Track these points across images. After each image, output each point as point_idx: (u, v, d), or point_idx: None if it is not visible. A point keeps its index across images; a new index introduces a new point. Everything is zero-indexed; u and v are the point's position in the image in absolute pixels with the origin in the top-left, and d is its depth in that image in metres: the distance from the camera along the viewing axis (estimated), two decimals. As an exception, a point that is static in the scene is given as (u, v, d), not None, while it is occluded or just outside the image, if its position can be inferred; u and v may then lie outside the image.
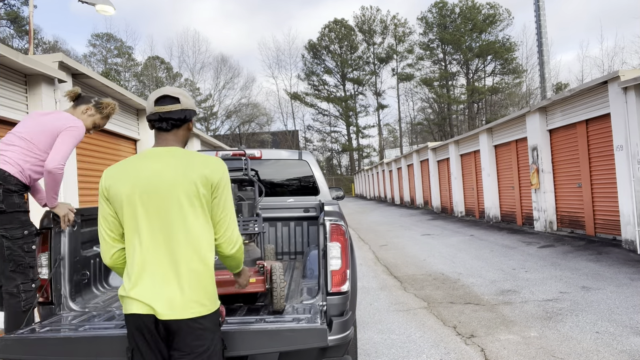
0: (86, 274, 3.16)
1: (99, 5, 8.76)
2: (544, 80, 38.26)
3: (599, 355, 3.84)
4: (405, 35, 56.66)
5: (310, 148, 60.78)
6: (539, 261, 8.03)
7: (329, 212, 2.83)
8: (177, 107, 1.96)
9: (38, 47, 37.75)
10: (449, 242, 11.18)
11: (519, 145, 13.64)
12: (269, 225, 4.32)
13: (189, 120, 2.03)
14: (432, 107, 55.62)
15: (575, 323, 4.65)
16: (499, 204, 15.27)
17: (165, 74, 50.08)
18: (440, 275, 7.37)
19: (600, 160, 9.90)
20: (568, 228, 11.34)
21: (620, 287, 5.94)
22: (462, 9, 50.40)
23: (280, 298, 2.53)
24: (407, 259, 9.08)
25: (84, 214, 3.19)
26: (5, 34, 36.79)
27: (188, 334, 1.83)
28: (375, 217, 20.96)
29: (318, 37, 58.29)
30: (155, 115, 1.95)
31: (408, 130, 60.46)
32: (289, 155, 4.48)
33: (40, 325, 2.55)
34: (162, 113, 1.94)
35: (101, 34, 48.51)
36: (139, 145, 9.21)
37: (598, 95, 9.61)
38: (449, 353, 4.07)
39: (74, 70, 6.36)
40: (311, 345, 2.24)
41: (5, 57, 4.89)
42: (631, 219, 8.41)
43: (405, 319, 5.13)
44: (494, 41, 49.18)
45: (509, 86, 49.94)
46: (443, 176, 21.18)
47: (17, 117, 5.41)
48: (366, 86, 59.94)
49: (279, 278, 2.54)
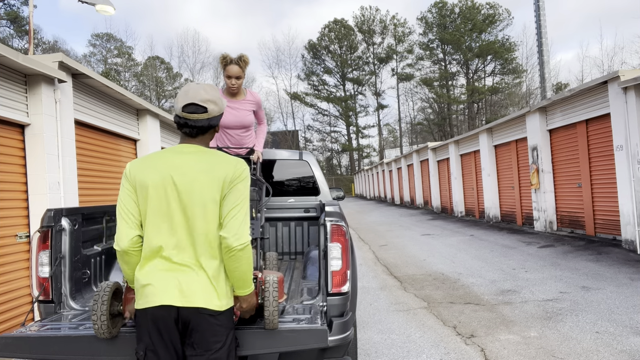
0: (87, 273, 3.16)
1: (99, 5, 8.75)
2: (544, 80, 38.26)
3: (599, 355, 3.84)
4: (405, 35, 56.66)
5: (310, 148, 60.78)
6: (539, 261, 8.03)
7: (330, 212, 2.83)
8: (204, 116, 1.96)
9: (38, 47, 37.74)
10: (449, 242, 11.18)
11: (519, 145, 13.64)
12: (269, 225, 4.31)
13: (215, 125, 2.05)
14: (432, 107, 55.60)
15: (575, 323, 4.65)
16: (499, 204, 15.27)
17: (165, 74, 50.06)
18: (440, 275, 7.36)
19: (600, 160, 9.90)
20: (568, 228, 11.34)
21: (620, 287, 5.94)
22: (461, 9, 50.37)
23: (273, 317, 2.22)
24: (407, 259, 9.08)
25: (85, 213, 3.19)
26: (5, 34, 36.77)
27: (207, 329, 1.84)
28: (375, 217, 20.95)
29: (318, 37, 58.30)
30: (182, 120, 1.97)
31: (408, 130, 60.46)
32: (289, 155, 4.48)
33: (41, 323, 2.55)
34: (190, 121, 1.96)
35: (101, 34, 48.49)
36: (138, 145, 9.20)
37: (598, 95, 9.61)
38: (449, 353, 4.07)
39: (74, 70, 6.35)
40: (311, 346, 2.24)
41: (5, 57, 4.89)
42: (631, 219, 8.41)
43: (405, 319, 5.13)
44: (493, 41, 49.16)
45: (509, 86, 49.92)
46: (443, 176, 21.17)
47: (17, 117, 5.40)
48: (366, 86, 59.93)
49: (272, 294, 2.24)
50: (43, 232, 2.86)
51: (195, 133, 1.99)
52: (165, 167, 1.91)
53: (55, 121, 5.88)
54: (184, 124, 1.97)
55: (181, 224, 1.88)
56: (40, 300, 2.81)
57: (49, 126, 5.74)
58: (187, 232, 1.88)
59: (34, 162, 5.60)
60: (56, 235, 2.87)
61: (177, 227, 1.88)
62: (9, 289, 5.12)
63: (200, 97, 1.95)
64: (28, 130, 5.61)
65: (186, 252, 1.87)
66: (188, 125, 1.96)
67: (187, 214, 1.88)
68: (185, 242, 1.87)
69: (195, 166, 1.91)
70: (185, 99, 1.94)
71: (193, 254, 1.87)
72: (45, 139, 5.66)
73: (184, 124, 1.96)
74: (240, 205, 1.91)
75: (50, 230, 2.86)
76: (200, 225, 1.87)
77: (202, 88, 1.98)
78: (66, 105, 6.20)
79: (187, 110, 1.94)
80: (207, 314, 1.84)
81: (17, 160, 5.47)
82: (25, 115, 5.56)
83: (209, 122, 1.99)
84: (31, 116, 5.62)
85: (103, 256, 3.42)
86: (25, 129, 5.61)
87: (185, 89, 1.98)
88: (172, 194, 1.89)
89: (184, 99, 1.95)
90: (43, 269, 2.82)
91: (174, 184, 1.89)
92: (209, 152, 1.99)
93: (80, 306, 2.90)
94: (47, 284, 2.80)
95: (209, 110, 1.96)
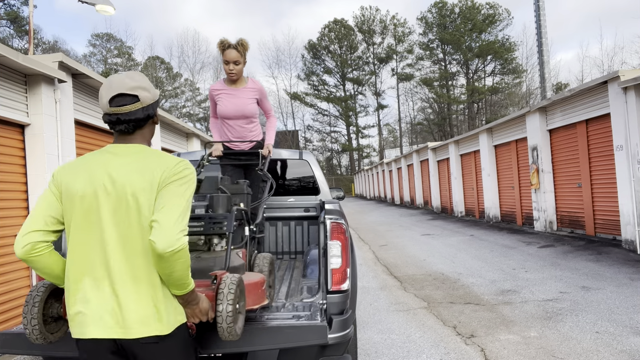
0: None
1: (99, 5, 8.75)
2: (544, 80, 38.25)
3: (599, 355, 3.84)
4: (405, 35, 56.65)
5: (310, 148, 60.76)
6: (539, 261, 8.03)
7: (330, 210, 2.83)
8: (137, 106, 1.70)
9: (38, 47, 37.75)
10: (448, 242, 11.18)
11: (519, 145, 13.64)
12: (269, 224, 4.32)
13: (153, 115, 1.78)
14: (432, 107, 55.59)
15: (575, 323, 4.65)
16: (499, 204, 15.27)
17: (165, 74, 50.07)
18: (440, 275, 7.36)
19: (600, 160, 9.90)
20: (568, 228, 11.34)
21: (620, 287, 5.94)
22: (461, 9, 50.36)
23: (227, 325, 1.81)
24: (407, 259, 9.08)
25: None
26: (5, 34, 36.77)
27: None
28: (375, 217, 20.95)
29: (318, 37, 58.28)
30: (113, 117, 1.69)
31: (408, 130, 60.45)
32: (289, 154, 4.48)
33: None
34: (122, 115, 1.69)
35: (101, 34, 48.49)
36: (139, 145, 9.22)
37: (598, 95, 9.61)
38: (449, 353, 4.07)
39: (74, 70, 6.35)
40: (311, 342, 2.23)
41: (5, 57, 4.89)
42: (631, 219, 8.41)
43: (405, 319, 5.13)
44: (493, 41, 49.15)
45: (509, 86, 49.92)
46: (443, 176, 21.17)
47: (17, 117, 5.40)
48: (366, 86, 59.91)
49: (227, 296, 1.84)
50: None
51: (133, 128, 1.72)
52: (98, 172, 1.66)
53: (55, 121, 5.88)
54: (115, 121, 1.69)
55: (113, 237, 1.61)
56: None
57: (49, 126, 5.74)
58: (120, 245, 1.61)
59: (34, 162, 5.60)
60: None
61: (108, 241, 1.61)
62: (9, 289, 5.13)
63: (127, 86, 1.68)
64: (28, 130, 5.61)
65: (119, 270, 1.60)
66: (121, 121, 1.69)
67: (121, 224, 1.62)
68: (119, 257, 1.60)
69: (130, 169, 1.65)
70: (110, 91, 1.67)
71: (128, 270, 1.60)
72: (45, 139, 5.66)
73: (116, 120, 1.69)
74: (170, 206, 1.58)
75: None
76: (136, 236, 1.61)
77: (126, 76, 1.71)
78: (66, 105, 6.20)
79: (115, 103, 1.67)
80: (151, 343, 1.59)
81: (17, 160, 5.47)
82: (25, 115, 5.56)
83: (145, 113, 1.72)
84: (31, 116, 5.62)
85: None
86: (25, 129, 5.61)
87: (108, 81, 1.70)
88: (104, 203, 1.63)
89: (108, 92, 1.67)
90: None
91: (106, 191, 1.63)
92: (147, 151, 1.72)
93: None
94: None
95: (140, 98, 1.70)
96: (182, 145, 12.42)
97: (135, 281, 1.60)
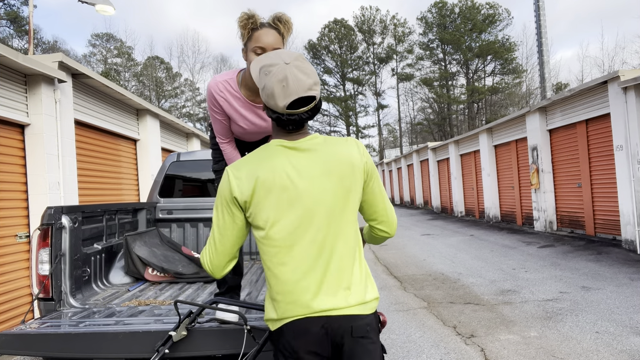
0: (87, 271, 3.17)
1: (99, 5, 8.75)
2: (544, 80, 38.26)
3: (599, 355, 3.84)
4: (405, 35, 56.67)
5: (310, 148, 60.66)
6: (539, 261, 8.03)
7: None
8: (313, 104, 1.52)
9: (38, 47, 37.75)
10: (448, 242, 11.18)
11: (519, 145, 13.65)
12: None
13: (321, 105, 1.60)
14: (432, 107, 55.59)
15: (575, 323, 4.65)
16: (499, 204, 15.27)
17: (165, 74, 50.08)
18: (440, 275, 7.36)
19: (600, 160, 9.90)
20: (568, 228, 11.34)
21: (620, 287, 5.94)
22: (461, 9, 50.38)
23: None
24: (407, 258, 9.08)
25: (85, 211, 3.20)
26: (5, 34, 36.76)
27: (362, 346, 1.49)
28: (375, 217, 20.92)
29: (318, 37, 58.29)
30: (294, 116, 1.48)
31: (408, 130, 60.46)
32: None
33: (41, 321, 2.56)
34: (303, 113, 1.49)
35: (101, 34, 48.44)
36: (138, 145, 9.20)
37: (598, 95, 9.61)
38: (449, 353, 4.07)
39: (73, 70, 6.35)
40: None
41: (5, 57, 4.89)
42: (631, 219, 8.41)
43: (405, 318, 5.13)
44: (493, 41, 49.14)
45: (509, 86, 49.91)
46: (443, 176, 21.17)
47: (17, 117, 5.40)
48: (366, 86, 59.92)
49: None
50: (43, 229, 2.85)
51: (306, 120, 1.52)
52: (282, 168, 1.51)
53: (55, 121, 5.88)
54: (287, 121, 1.49)
55: (319, 231, 1.52)
56: (40, 297, 2.81)
57: (48, 126, 5.74)
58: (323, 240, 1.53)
59: (34, 162, 5.61)
60: (56, 233, 2.87)
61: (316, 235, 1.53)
62: (9, 289, 5.13)
63: (306, 86, 1.44)
64: (28, 130, 5.61)
65: None
66: (303, 118, 1.50)
67: (325, 219, 1.54)
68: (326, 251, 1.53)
69: (324, 160, 1.54)
70: (287, 94, 1.43)
71: None
72: (45, 139, 5.66)
73: (298, 119, 1.49)
74: None
75: (51, 228, 2.86)
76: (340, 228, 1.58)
77: (300, 71, 1.45)
78: (66, 105, 6.20)
79: (293, 107, 1.47)
80: None
81: (17, 160, 5.47)
82: (25, 115, 5.56)
83: (317, 105, 1.55)
84: (31, 116, 5.62)
85: (103, 254, 3.42)
86: (25, 129, 5.61)
87: (279, 78, 1.43)
88: (300, 196, 1.51)
89: (286, 96, 1.43)
90: (43, 266, 2.82)
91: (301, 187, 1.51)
92: (326, 138, 1.59)
93: (80, 304, 2.91)
94: (47, 281, 2.81)
95: (316, 95, 1.51)
96: (182, 145, 12.42)
97: None
